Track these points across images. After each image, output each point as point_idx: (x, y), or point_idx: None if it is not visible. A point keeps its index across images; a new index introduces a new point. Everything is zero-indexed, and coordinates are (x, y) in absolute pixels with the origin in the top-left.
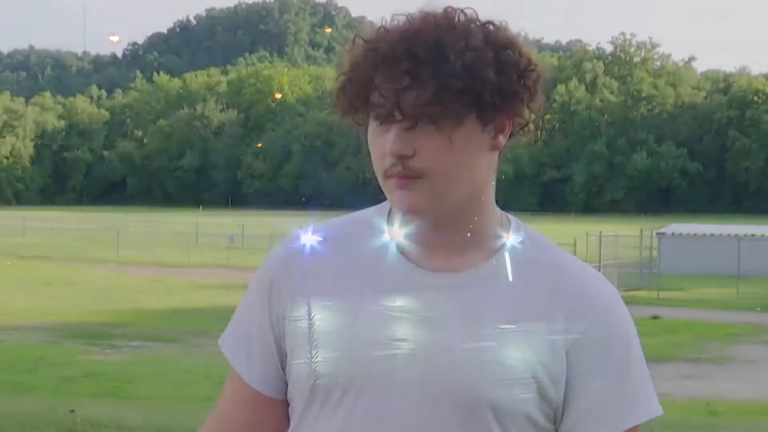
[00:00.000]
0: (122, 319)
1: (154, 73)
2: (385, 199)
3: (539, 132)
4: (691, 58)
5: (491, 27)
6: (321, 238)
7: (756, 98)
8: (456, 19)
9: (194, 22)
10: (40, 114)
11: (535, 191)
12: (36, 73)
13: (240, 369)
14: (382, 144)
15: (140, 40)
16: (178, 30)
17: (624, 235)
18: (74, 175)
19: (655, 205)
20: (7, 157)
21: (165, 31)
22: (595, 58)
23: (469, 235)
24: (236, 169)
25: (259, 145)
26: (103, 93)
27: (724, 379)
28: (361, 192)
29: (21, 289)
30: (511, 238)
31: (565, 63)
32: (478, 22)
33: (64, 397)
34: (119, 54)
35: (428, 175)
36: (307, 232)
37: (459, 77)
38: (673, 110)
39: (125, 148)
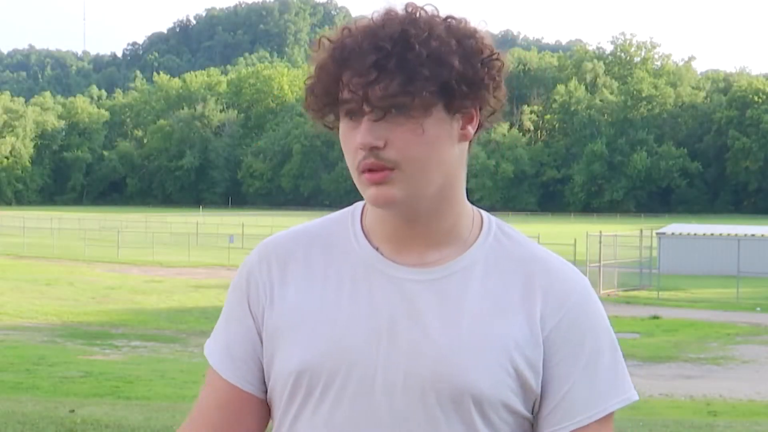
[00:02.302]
0: (122, 319)
1: (154, 73)
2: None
3: (539, 132)
4: (691, 58)
5: (452, 20)
6: (297, 239)
7: (756, 98)
8: (417, 13)
9: (194, 22)
10: (40, 114)
11: (535, 191)
12: (36, 73)
13: (224, 370)
14: (353, 139)
15: (140, 40)
16: (178, 30)
17: (624, 235)
18: (74, 175)
19: (655, 205)
20: (7, 157)
21: (165, 31)
22: (595, 58)
23: (442, 229)
24: (236, 169)
25: (259, 144)
26: (103, 93)
27: (724, 379)
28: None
29: (21, 289)
30: (483, 232)
31: (565, 63)
32: (439, 17)
33: (64, 397)
34: (119, 54)
35: (401, 165)
36: (284, 233)
37: (425, 65)
38: (673, 110)
39: (125, 148)
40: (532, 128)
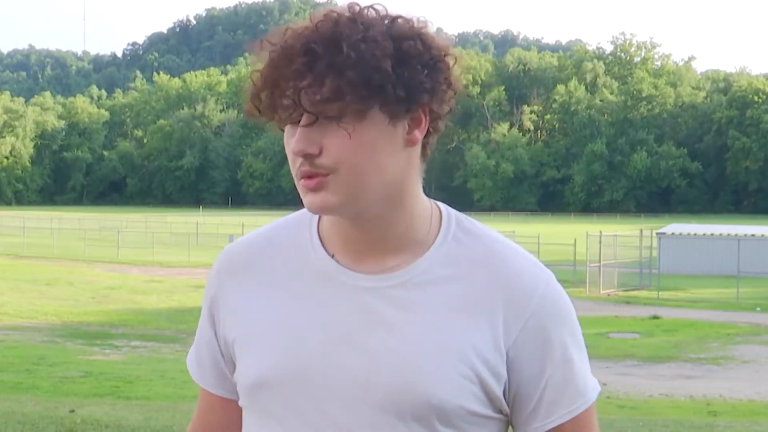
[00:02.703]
0: (122, 319)
1: (154, 73)
2: None
3: (539, 132)
4: (691, 58)
5: (399, 20)
6: (255, 246)
7: (756, 98)
8: (359, 13)
9: (194, 22)
10: (40, 114)
11: (535, 191)
12: (36, 73)
13: (197, 379)
14: (291, 146)
15: (140, 40)
16: (178, 30)
17: (624, 235)
18: (74, 175)
19: (655, 205)
20: (7, 157)
21: (165, 31)
22: (595, 58)
23: (395, 235)
24: (236, 169)
25: (259, 144)
26: (103, 93)
27: (724, 379)
28: None
29: (21, 289)
30: (442, 232)
31: (565, 63)
32: (385, 17)
33: (64, 397)
34: (119, 54)
35: (337, 171)
36: (244, 240)
37: (354, 69)
38: (673, 110)
39: (125, 148)
40: (532, 128)
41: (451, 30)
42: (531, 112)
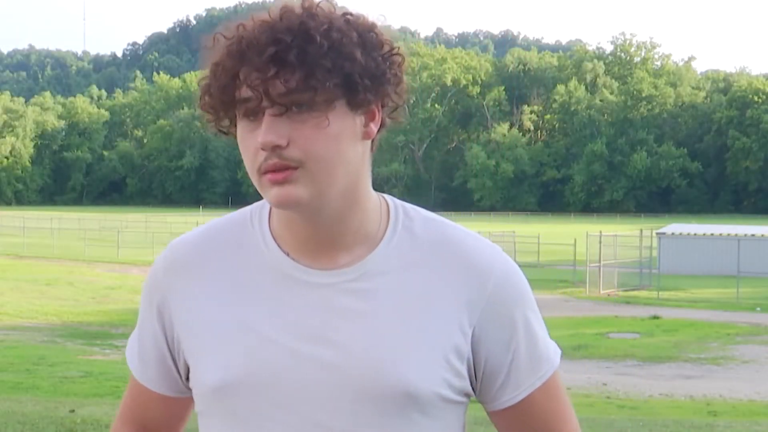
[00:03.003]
0: (122, 319)
1: (154, 73)
2: None
3: (539, 132)
4: (691, 58)
5: (350, 15)
6: (205, 244)
7: (756, 98)
8: (315, 8)
9: (194, 22)
10: (40, 114)
11: (535, 191)
12: (36, 73)
13: (138, 375)
14: (253, 141)
15: (140, 40)
16: (178, 30)
17: (624, 235)
18: (74, 175)
19: (655, 205)
20: (7, 157)
21: (165, 31)
22: (595, 58)
23: (350, 230)
24: (236, 169)
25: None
26: (103, 93)
27: (724, 379)
28: None
29: (21, 289)
30: (391, 224)
31: (565, 63)
32: (336, 12)
33: (64, 397)
34: (119, 54)
35: (305, 164)
36: (191, 236)
37: (327, 57)
38: (673, 110)
39: (125, 148)
40: (532, 128)
41: (451, 30)
42: (531, 112)
